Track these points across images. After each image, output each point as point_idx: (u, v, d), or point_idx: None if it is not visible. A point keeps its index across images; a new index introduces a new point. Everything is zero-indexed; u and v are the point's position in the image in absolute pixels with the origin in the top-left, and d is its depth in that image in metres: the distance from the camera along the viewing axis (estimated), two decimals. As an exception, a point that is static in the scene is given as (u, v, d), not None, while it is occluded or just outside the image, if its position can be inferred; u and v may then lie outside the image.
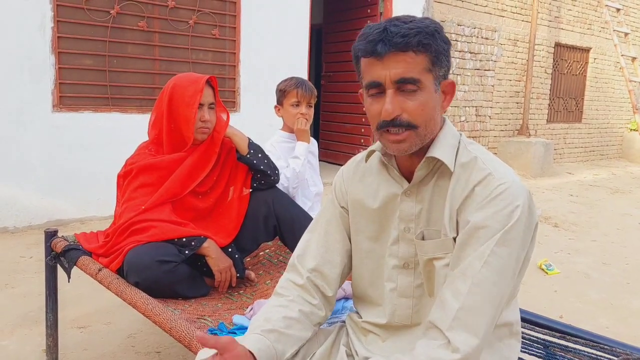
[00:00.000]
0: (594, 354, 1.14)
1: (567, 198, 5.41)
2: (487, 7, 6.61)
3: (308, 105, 2.02)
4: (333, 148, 6.34)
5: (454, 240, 0.90)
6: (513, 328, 0.97)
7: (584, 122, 8.61)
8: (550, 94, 7.90)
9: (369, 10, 5.61)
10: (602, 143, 9.08)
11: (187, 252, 1.54)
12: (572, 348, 1.19)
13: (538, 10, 6.92)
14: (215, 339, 0.84)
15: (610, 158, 9.26)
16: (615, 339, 1.17)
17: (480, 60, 6.65)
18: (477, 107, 6.75)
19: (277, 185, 1.87)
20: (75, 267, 1.61)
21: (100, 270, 1.51)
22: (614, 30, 7.45)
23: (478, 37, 6.55)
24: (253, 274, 1.75)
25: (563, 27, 7.76)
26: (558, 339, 1.21)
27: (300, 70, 4.62)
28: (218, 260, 1.58)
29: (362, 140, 5.90)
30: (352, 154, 1.14)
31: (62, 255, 1.65)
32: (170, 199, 1.64)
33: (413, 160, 0.95)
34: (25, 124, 3.44)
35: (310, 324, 1.00)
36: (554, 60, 7.79)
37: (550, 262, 3.11)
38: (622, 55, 7.43)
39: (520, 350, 1.16)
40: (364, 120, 5.84)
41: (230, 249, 1.67)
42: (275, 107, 2.07)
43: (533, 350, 1.24)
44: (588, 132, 8.72)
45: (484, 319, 0.83)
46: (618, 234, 4.01)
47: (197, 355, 0.96)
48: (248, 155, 1.73)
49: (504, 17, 6.86)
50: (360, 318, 1.06)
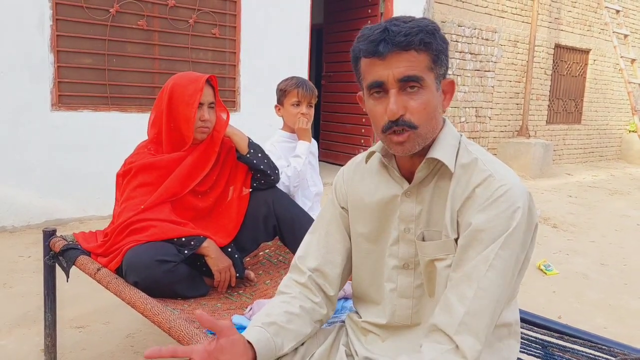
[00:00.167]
0: (592, 354, 1.15)
1: (566, 199, 5.41)
2: (487, 8, 6.61)
3: (309, 105, 2.02)
4: (333, 148, 6.34)
5: (455, 242, 0.90)
6: (512, 328, 0.97)
7: (583, 123, 8.63)
8: (550, 95, 7.91)
9: (370, 11, 5.61)
10: (601, 144, 9.09)
11: (186, 251, 1.54)
12: (570, 348, 1.19)
13: (538, 12, 6.93)
14: (213, 320, 0.85)
15: (609, 159, 9.27)
16: (613, 339, 1.18)
17: (481, 61, 6.65)
18: (477, 108, 6.75)
19: (278, 184, 1.87)
20: (74, 266, 1.60)
21: (99, 270, 1.50)
22: (614, 32, 7.46)
23: (478, 38, 6.55)
24: (252, 274, 1.75)
25: (563, 28, 7.76)
26: (556, 339, 1.21)
27: (301, 70, 4.62)
28: (217, 260, 1.58)
29: (362, 141, 5.90)
30: (352, 154, 1.14)
31: (60, 255, 1.64)
32: (170, 199, 1.64)
33: (413, 161, 0.95)
34: (24, 123, 3.43)
35: (311, 320, 1.01)
36: (554, 62, 7.80)
37: (549, 262, 3.12)
38: (621, 57, 7.44)
39: (519, 351, 1.16)
40: (364, 121, 5.84)
41: (230, 249, 1.67)
42: (276, 106, 2.07)
43: (531, 351, 1.24)
44: (587, 133, 8.73)
45: (487, 321, 0.84)
46: (616, 235, 4.01)
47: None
48: (248, 155, 1.73)
49: (504, 18, 6.87)
50: (360, 318, 1.06)
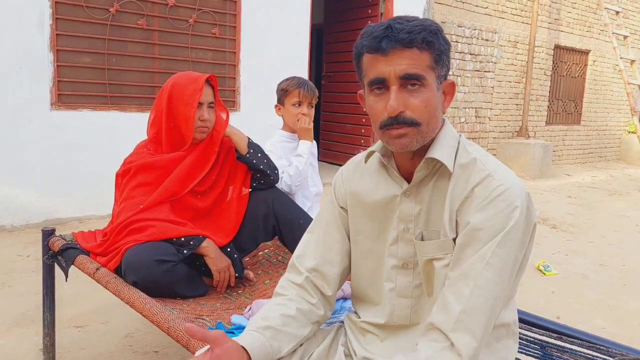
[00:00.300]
0: (590, 355, 1.15)
1: (565, 199, 5.42)
2: (487, 8, 6.61)
3: (309, 106, 2.02)
4: (333, 148, 6.34)
5: (454, 241, 0.90)
6: (510, 328, 0.97)
7: (583, 124, 8.63)
8: (550, 96, 7.91)
9: (370, 11, 5.62)
10: (600, 145, 9.10)
11: (185, 251, 1.54)
12: (568, 349, 1.19)
13: (538, 13, 6.93)
14: (204, 332, 0.83)
15: (609, 160, 9.28)
16: (611, 340, 1.18)
17: (480, 62, 6.66)
18: (476, 108, 6.76)
19: (279, 184, 1.87)
20: (73, 266, 1.60)
21: (98, 270, 1.50)
22: (613, 33, 7.47)
23: (478, 38, 6.56)
24: (252, 274, 1.75)
25: (563, 29, 7.77)
26: (555, 340, 1.21)
27: (301, 70, 4.62)
28: (217, 260, 1.58)
29: (362, 141, 5.90)
30: (352, 154, 1.14)
31: (59, 254, 1.64)
32: (169, 198, 1.64)
33: (413, 161, 0.95)
34: (24, 122, 3.43)
35: (308, 322, 1.00)
36: (554, 63, 7.81)
37: (548, 263, 3.12)
38: (621, 58, 7.45)
39: (517, 351, 1.16)
40: (364, 121, 5.85)
41: (229, 249, 1.66)
42: (276, 106, 2.07)
43: (530, 351, 1.24)
44: (587, 134, 8.74)
45: (484, 320, 0.83)
46: (615, 236, 4.01)
47: (195, 354, 0.96)
48: (247, 155, 1.73)
49: (504, 18, 6.87)
50: (359, 318, 1.06)
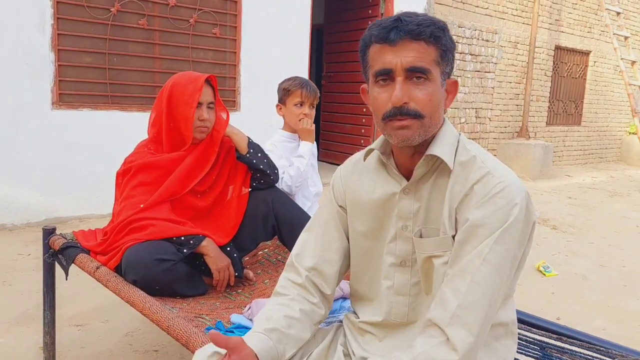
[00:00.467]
0: (590, 356, 1.15)
1: (565, 200, 5.42)
2: (487, 9, 6.61)
3: (311, 106, 2.02)
4: (333, 148, 6.35)
5: (453, 239, 0.90)
6: (509, 328, 0.97)
7: (583, 125, 8.63)
8: (550, 97, 7.91)
9: (370, 11, 5.62)
10: (601, 146, 9.10)
11: (185, 250, 1.54)
12: (568, 349, 1.19)
13: (539, 13, 6.93)
14: (226, 339, 0.86)
15: (609, 161, 9.27)
16: (611, 341, 1.18)
17: (481, 62, 6.66)
18: (477, 109, 6.76)
19: (280, 184, 1.88)
20: (73, 264, 1.60)
21: (98, 268, 1.51)
22: (614, 34, 7.46)
23: (479, 39, 6.56)
24: (251, 273, 1.75)
25: (563, 30, 7.77)
26: (554, 340, 1.21)
27: (301, 70, 4.62)
28: (216, 259, 1.58)
29: (362, 141, 5.90)
30: (352, 155, 1.15)
31: (60, 253, 1.65)
32: (169, 198, 1.64)
33: (412, 159, 0.95)
34: (24, 122, 3.43)
35: (311, 323, 1.01)
36: (554, 63, 7.81)
37: (548, 264, 3.12)
38: (621, 59, 7.45)
39: (517, 351, 1.16)
40: (364, 121, 5.85)
41: (229, 248, 1.67)
42: (277, 105, 2.07)
43: (529, 352, 1.25)
44: (587, 135, 8.73)
45: (481, 315, 0.83)
46: (615, 237, 4.01)
47: (195, 354, 0.96)
48: (247, 155, 1.73)
49: (505, 19, 6.87)
50: (357, 318, 1.06)
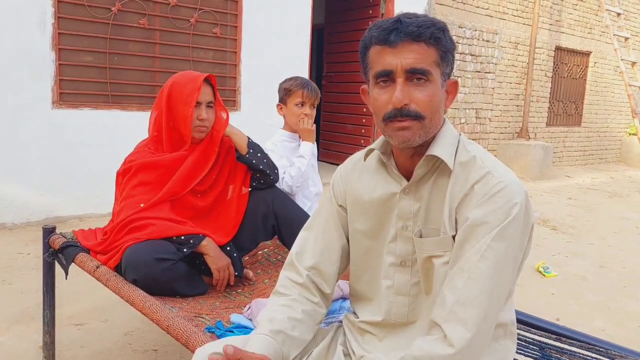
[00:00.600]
0: (589, 356, 1.15)
1: (565, 201, 5.42)
2: (488, 9, 6.61)
3: (312, 106, 2.02)
4: (333, 148, 6.35)
5: (453, 239, 0.90)
6: (508, 329, 0.97)
7: (584, 125, 8.63)
8: (550, 97, 7.91)
9: (371, 11, 5.62)
10: (601, 147, 9.10)
11: (185, 250, 1.54)
12: (567, 350, 1.19)
13: (539, 14, 6.93)
14: (245, 355, 0.83)
15: (609, 162, 9.27)
16: (610, 342, 1.18)
17: (481, 63, 6.66)
18: (477, 109, 6.76)
19: (281, 184, 1.88)
20: (73, 263, 1.61)
21: (98, 267, 1.51)
22: (614, 35, 7.46)
23: (479, 39, 6.56)
24: (251, 273, 1.75)
25: (564, 30, 7.77)
26: (554, 341, 1.21)
27: (302, 70, 4.62)
28: (216, 259, 1.58)
29: (362, 141, 5.90)
30: (352, 155, 1.15)
31: (60, 252, 1.65)
32: (170, 198, 1.64)
33: (412, 159, 0.95)
34: (25, 121, 3.43)
35: (314, 324, 1.01)
36: (554, 64, 7.81)
37: (548, 264, 3.12)
38: (622, 60, 7.45)
39: (516, 352, 1.16)
40: (365, 121, 5.85)
41: (229, 248, 1.67)
42: (278, 105, 2.06)
43: (529, 352, 1.25)
44: (587, 135, 8.74)
45: (479, 312, 0.83)
46: (615, 238, 4.01)
47: (195, 353, 0.96)
48: (247, 155, 1.73)
49: (505, 20, 6.87)
50: (357, 318, 1.06)
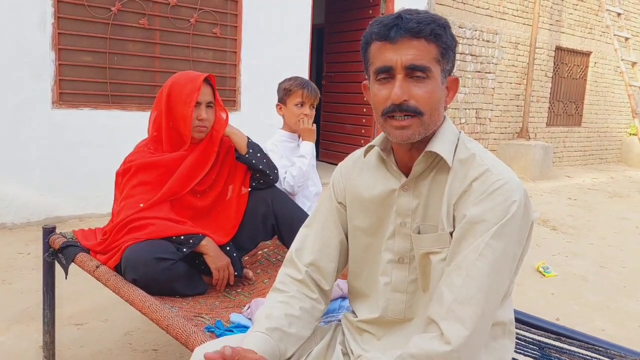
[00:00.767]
0: (589, 356, 1.15)
1: (565, 201, 5.42)
2: (488, 9, 6.61)
3: (311, 107, 2.02)
4: (333, 148, 6.35)
5: (451, 235, 0.90)
6: (506, 327, 0.97)
7: (584, 125, 8.63)
8: (551, 98, 7.91)
9: (371, 11, 5.62)
10: (601, 147, 9.10)
11: (185, 249, 1.54)
12: (566, 349, 1.19)
13: (539, 14, 6.93)
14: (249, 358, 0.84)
15: (609, 162, 9.27)
16: (610, 341, 1.18)
17: (481, 63, 6.66)
18: (477, 109, 6.76)
19: (282, 184, 1.88)
20: (73, 263, 1.61)
21: (98, 267, 1.51)
22: (615, 35, 7.46)
23: (479, 39, 6.56)
24: (251, 273, 1.75)
25: (564, 30, 7.77)
26: (553, 341, 1.21)
27: (301, 70, 4.62)
28: (216, 259, 1.58)
29: (362, 141, 5.90)
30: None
31: (60, 252, 1.65)
32: (169, 198, 1.64)
33: (412, 155, 0.95)
34: (25, 121, 3.44)
35: (312, 320, 1.01)
36: (555, 64, 7.81)
37: (548, 264, 3.12)
38: (622, 60, 7.44)
39: (516, 351, 1.16)
40: (365, 121, 5.85)
41: (229, 248, 1.67)
42: (277, 105, 2.06)
43: (528, 352, 1.25)
44: (587, 135, 8.73)
45: (477, 310, 0.83)
46: (615, 238, 4.01)
47: (194, 352, 0.96)
48: (247, 155, 1.73)
49: (505, 20, 6.87)
50: (356, 317, 1.06)
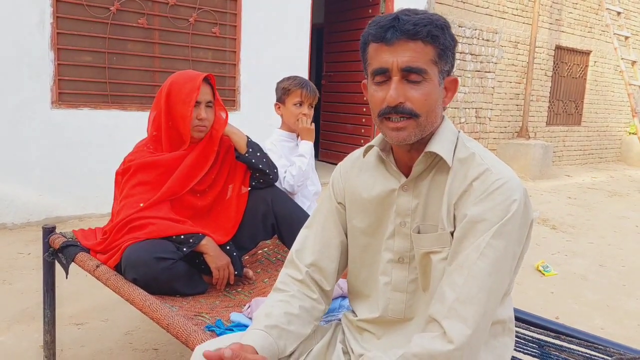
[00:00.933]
0: (588, 354, 1.15)
1: (565, 200, 5.42)
2: (488, 8, 6.61)
3: (310, 106, 2.02)
4: (333, 148, 6.35)
5: (451, 235, 0.90)
6: (506, 325, 0.97)
7: (584, 125, 8.63)
8: (550, 97, 7.91)
9: (370, 11, 5.62)
10: (601, 146, 9.10)
11: (185, 249, 1.54)
12: (566, 347, 1.19)
13: (539, 13, 6.93)
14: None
15: (609, 161, 9.27)
16: (609, 339, 1.18)
17: (481, 62, 6.66)
18: (477, 108, 6.76)
19: (282, 184, 1.88)
20: (73, 263, 1.61)
21: (98, 267, 1.51)
22: (615, 34, 7.46)
23: (479, 38, 6.56)
24: (251, 272, 1.76)
25: (564, 29, 7.77)
26: (553, 339, 1.21)
27: (301, 70, 4.62)
28: (216, 258, 1.58)
29: (362, 141, 5.90)
30: (352, 153, 1.15)
31: (60, 252, 1.65)
32: (169, 198, 1.64)
33: (411, 156, 0.95)
34: (24, 121, 3.44)
35: (312, 319, 1.01)
36: (554, 63, 7.81)
37: (548, 263, 3.13)
38: (622, 59, 7.44)
39: (516, 350, 1.17)
40: (364, 121, 5.85)
41: (229, 247, 1.67)
42: (276, 104, 2.06)
43: (528, 350, 1.25)
44: (587, 135, 8.73)
45: (479, 309, 0.83)
46: (615, 237, 4.02)
47: (194, 350, 0.96)
48: (246, 154, 1.73)
49: (505, 19, 6.87)
50: (356, 317, 1.06)
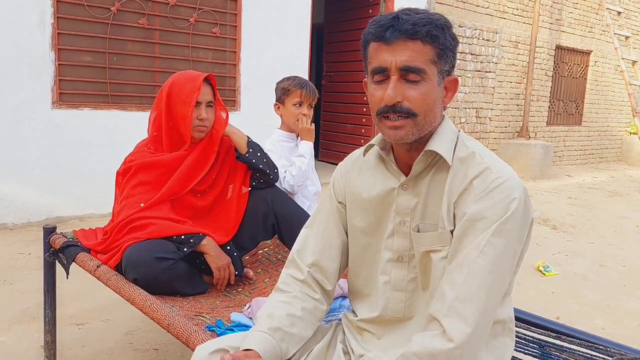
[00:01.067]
0: (589, 354, 1.15)
1: (565, 200, 5.42)
2: (488, 8, 6.61)
3: (309, 106, 2.02)
4: (333, 148, 6.35)
5: (451, 234, 0.90)
6: (506, 325, 0.97)
7: (584, 125, 8.63)
8: (551, 97, 7.91)
9: (370, 11, 5.62)
10: (601, 146, 9.09)
11: (185, 249, 1.55)
12: (567, 348, 1.19)
13: (539, 13, 6.93)
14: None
15: (610, 161, 9.27)
16: (610, 339, 1.18)
17: (481, 62, 6.65)
18: (477, 108, 6.76)
19: (283, 184, 1.88)
20: (74, 263, 1.61)
21: (99, 267, 1.51)
22: (615, 34, 7.46)
23: (479, 38, 6.56)
24: (251, 272, 1.76)
25: (564, 29, 7.76)
26: (553, 339, 1.21)
27: (301, 70, 4.62)
28: (216, 258, 1.59)
29: (362, 141, 5.90)
30: (352, 153, 1.15)
31: (60, 252, 1.65)
32: (170, 198, 1.64)
33: (411, 155, 0.96)
34: (25, 121, 3.44)
35: (313, 321, 1.01)
36: (555, 63, 7.80)
37: (548, 263, 3.12)
38: (622, 59, 7.44)
39: (516, 350, 1.17)
40: (365, 121, 5.85)
41: (229, 247, 1.67)
42: (275, 104, 2.06)
43: (528, 350, 1.25)
44: (588, 135, 8.73)
45: (479, 307, 0.83)
46: (615, 237, 4.02)
47: (195, 351, 0.96)
48: (247, 154, 1.73)
49: (505, 19, 6.87)
50: (356, 317, 1.07)
